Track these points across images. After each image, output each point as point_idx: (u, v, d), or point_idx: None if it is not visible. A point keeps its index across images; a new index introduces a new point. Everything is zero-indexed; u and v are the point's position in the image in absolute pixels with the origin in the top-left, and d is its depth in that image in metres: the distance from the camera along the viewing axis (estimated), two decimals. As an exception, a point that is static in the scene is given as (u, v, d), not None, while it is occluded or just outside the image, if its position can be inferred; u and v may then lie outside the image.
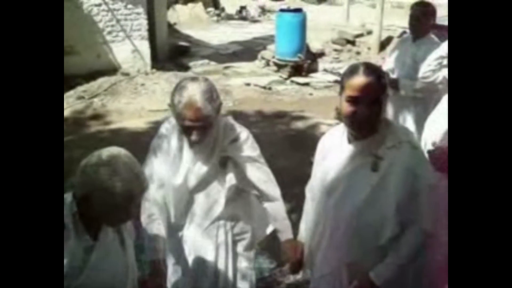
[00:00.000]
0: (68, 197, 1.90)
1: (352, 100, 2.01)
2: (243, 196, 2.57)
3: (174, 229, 2.58)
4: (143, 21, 9.67)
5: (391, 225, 2.04)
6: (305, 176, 2.58)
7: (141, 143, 6.75)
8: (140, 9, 9.58)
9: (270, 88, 9.17)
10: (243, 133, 2.44)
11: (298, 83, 9.46)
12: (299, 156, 5.74)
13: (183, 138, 2.40)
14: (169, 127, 2.53)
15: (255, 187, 2.50)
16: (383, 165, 2.05)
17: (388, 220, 2.04)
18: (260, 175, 2.49)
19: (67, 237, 1.86)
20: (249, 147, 2.43)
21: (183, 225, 2.56)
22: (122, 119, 7.63)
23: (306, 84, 9.42)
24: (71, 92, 8.43)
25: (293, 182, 3.67)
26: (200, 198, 2.47)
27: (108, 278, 1.98)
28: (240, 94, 8.76)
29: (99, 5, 9.16)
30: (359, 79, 2.00)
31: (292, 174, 4.78)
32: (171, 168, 2.45)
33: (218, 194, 2.46)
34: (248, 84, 9.35)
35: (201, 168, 2.41)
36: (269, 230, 2.69)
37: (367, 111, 2.00)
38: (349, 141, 2.16)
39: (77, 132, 7.15)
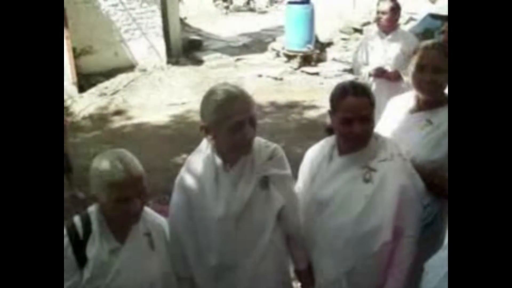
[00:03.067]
0: (93, 207, 2.06)
1: (347, 120, 2.11)
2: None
3: (223, 270, 2.22)
4: (158, 19, 10.07)
5: (386, 231, 2.14)
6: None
7: (162, 135, 7.21)
8: (155, 7, 9.98)
9: (281, 79, 9.48)
10: (278, 149, 2.21)
11: (308, 73, 9.76)
12: (311, 143, 6.01)
13: (217, 166, 2.14)
14: (197, 159, 2.21)
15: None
16: (376, 176, 2.15)
17: (384, 228, 2.14)
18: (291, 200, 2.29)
19: (93, 240, 1.99)
20: (285, 164, 2.23)
21: (232, 264, 2.20)
22: (143, 114, 8.01)
23: (316, 73, 9.72)
24: (93, 90, 8.86)
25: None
26: (246, 227, 2.17)
27: (135, 281, 2.04)
28: (253, 85, 9.01)
29: (116, 5, 9.58)
30: (352, 101, 2.10)
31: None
32: (208, 201, 2.14)
33: (264, 220, 2.19)
34: (260, 76, 9.66)
35: (243, 193, 2.12)
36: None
37: (362, 128, 2.11)
38: (340, 154, 2.25)
39: (103, 127, 7.57)
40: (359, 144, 2.18)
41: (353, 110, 2.10)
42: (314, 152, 2.40)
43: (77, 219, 2.05)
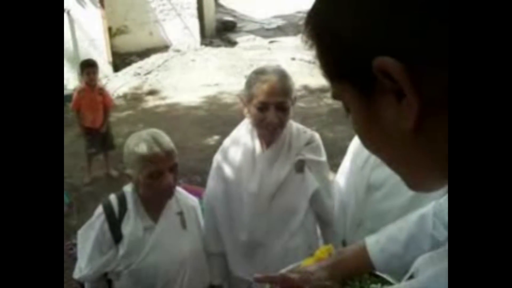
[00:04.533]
0: (129, 187, 2.11)
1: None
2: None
3: (253, 247, 2.26)
4: (193, -1, 10.11)
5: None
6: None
7: (194, 116, 7.29)
8: (190, -12, 10.02)
9: (314, 62, 9.30)
10: (316, 136, 2.23)
11: (342, 57, 9.69)
12: (343, 128, 6.07)
13: (255, 144, 2.17)
14: (235, 138, 2.24)
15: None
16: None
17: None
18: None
19: (128, 218, 2.05)
20: (322, 151, 2.24)
21: (262, 242, 2.24)
22: (176, 94, 8.09)
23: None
24: (128, 69, 8.99)
25: (337, 153, 4.00)
26: (278, 207, 2.21)
27: (167, 258, 2.10)
28: (286, 68, 8.87)
29: (151, -15, 9.65)
30: None
31: (337, 146, 5.10)
32: (243, 176, 2.19)
33: (298, 202, 2.23)
34: (293, 59, 9.64)
35: (279, 173, 2.16)
36: None
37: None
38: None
39: (136, 107, 7.69)
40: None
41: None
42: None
43: (113, 197, 2.12)
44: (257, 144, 2.16)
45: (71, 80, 5.44)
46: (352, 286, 1.51)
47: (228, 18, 12.30)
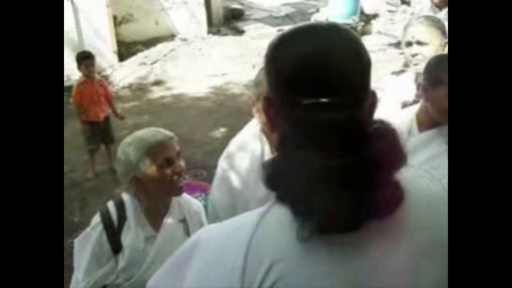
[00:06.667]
0: (125, 196, 2.01)
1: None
2: None
3: None
4: (199, -13, 9.90)
5: None
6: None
7: (201, 107, 7.14)
8: (196, -25, 9.80)
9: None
10: None
11: (352, 46, 9.48)
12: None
13: (264, 149, 2.07)
14: (241, 143, 2.12)
15: None
16: None
17: None
18: None
19: (128, 228, 1.95)
20: None
21: None
22: (182, 84, 7.94)
23: (360, 46, 9.44)
24: (133, 59, 8.83)
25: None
26: None
27: None
28: None
29: (157, -28, 9.45)
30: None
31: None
32: (251, 181, 2.09)
33: None
34: (302, 47, 9.44)
35: None
36: None
37: None
38: (420, 130, 2.24)
39: (142, 97, 7.54)
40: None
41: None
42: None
43: (111, 205, 2.00)
44: (266, 149, 2.04)
45: (76, 71, 5.27)
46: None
47: (236, 6, 12.10)
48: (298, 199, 0.87)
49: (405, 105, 2.58)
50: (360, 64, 0.95)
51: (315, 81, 0.89)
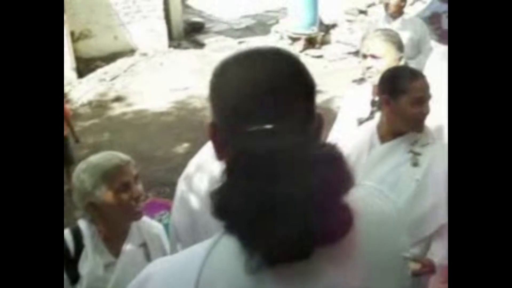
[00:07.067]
0: (81, 223, 1.96)
1: (419, 101, 2.15)
2: None
3: None
4: (159, 1, 9.82)
5: (442, 214, 2.13)
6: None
7: (163, 123, 7.06)
8: (155, -11, 9.73)
9: (285, 62, 9.27)
10: None
11: (312, 56, 9.57)
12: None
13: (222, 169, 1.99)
14: (199, 164, 1.97)
15: None
16: (423, 160, 2.18)
17: (439, 210, 2.15)
18: None
19: (85, 256, 1.89)
20: None
21: None
22: (144, 100, 7.84)
23: (320, 56, 9.54)
24: (92, 75, 8.67)
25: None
26: None
27: None
28: None
29: (115, -13, 9.34)
30: (423, 81, 2.17)
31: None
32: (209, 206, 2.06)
33: None
34: (263, 59, 9.46)
35: None
36: None
37: (428, 108, 2.18)
38: (382, 141, 2.28)
39: (102, 115, 7.41)
40: (422, 125, 2.21)
41: (425, 89, 2.17)
42: (354, 140, 2.38)
43: (67, 233, 1.93)
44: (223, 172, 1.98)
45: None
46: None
47: (196, 19, 12.06)
48: (245, 229, 0.85)
49: (360, 122, 2.60)
50: (303, 88, 0.94)
51: (258, 107, 0.88)
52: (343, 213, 0.87)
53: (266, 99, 0.88)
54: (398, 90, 2.17)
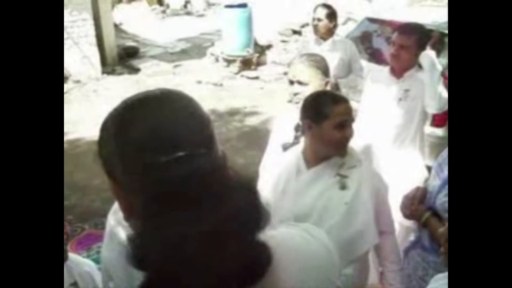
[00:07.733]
0: None
1: (341, 125, 2.16)
2: None
3: None
4: (90, 27, 9.63)
5: (372, 235, 2.22)
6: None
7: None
8: (86, 15, 9.54)
9: (221, 85, 9.32)
10: None
11: (248, 77, 9.66)
12: (254, 153, 5.95)
13: None
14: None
15: None
16: (350, 183, 2.20)
17: (369, 232, 2.21)
18: None
19: None
20: None
21: None
22: (78, 129, 7.64)
23: (256, 77, 9.63)
24: (24, 105, 8.39)
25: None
26: None
27: None
28: (192, 92, 8.51)
29: (43, 14, 9.11)
30: (345, 105, 2.19)
31: (249, 171, 4.97)
32: None
33: None
34: (199, 82, 9.46)
35: None
36: None
37: (352, 132, 2.20)
38: (308, 166, 2.27)
39: (34, 146, 7.16)
40: (345, 149, 2.22)
41: (348, 113, 2.19)
42: (281, 167, 2.38)
43: None
44: None
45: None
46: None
47: (130, 43, 11.96)
48: (163, 276, 0.84)
49: (285, 147, 2.62)
50: (196, 122, 0.95)
51: (164, 141, 0.90)
52: (260, 252, 0.86)
53: (169, 134, 0.90)
54: (321, 115, 2.18)
